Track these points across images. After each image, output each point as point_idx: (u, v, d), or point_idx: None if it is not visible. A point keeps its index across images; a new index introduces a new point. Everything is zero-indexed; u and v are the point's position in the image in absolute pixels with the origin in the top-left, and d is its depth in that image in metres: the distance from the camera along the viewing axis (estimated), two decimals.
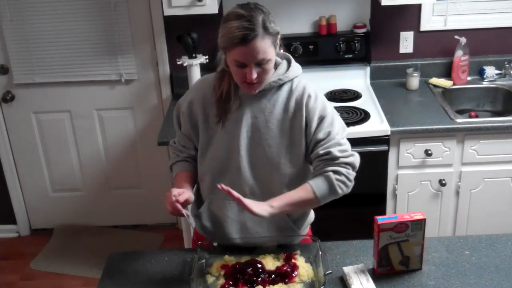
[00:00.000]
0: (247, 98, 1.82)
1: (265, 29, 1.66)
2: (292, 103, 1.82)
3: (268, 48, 1.68)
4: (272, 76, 1.80)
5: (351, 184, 1.80)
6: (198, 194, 1.99)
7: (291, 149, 1.83)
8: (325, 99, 1.86)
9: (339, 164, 1.77)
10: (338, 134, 1.81)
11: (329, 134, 1.79)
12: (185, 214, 1.76)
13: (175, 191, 1.75)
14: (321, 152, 1.78)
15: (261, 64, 1.70)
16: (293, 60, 1.86)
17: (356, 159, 1.81)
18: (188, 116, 1.87)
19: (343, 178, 1.77)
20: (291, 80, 1.83)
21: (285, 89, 1.83)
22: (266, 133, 1.82)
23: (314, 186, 1.76)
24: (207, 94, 1.85)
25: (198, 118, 1.86)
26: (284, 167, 1.83)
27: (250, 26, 1.64)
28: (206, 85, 1.88)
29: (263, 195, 1.84)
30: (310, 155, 1.82)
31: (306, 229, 2.04)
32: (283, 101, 1.82)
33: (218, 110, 1.82)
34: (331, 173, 1.76)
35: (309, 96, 1.81)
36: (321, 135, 1.79)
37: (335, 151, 1.77)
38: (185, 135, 1.94)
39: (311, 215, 2.05)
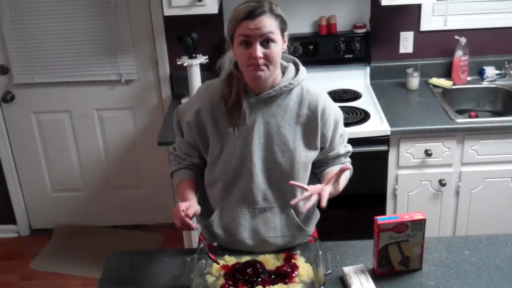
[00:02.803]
0: (258, 104, 1.80)
1: (271, 10, 1.69)
2: (305, 109, 1.82)
3: (274, 29, 1.69)
4: (282, 81, 1.79)
5: None
6: (204, 202, 1.98)
7: (305, 154, 1.83)
8: (333, 103, 1.92)
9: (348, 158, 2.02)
10: (346, 134, 2.00)
11: (342, 135, 1.95)
12: (195, 228, 1.75)
13: (183, 206, 1.73)
14: (342, 152, 1.96)
15: (267, 41, 1.68)
16: (300, 63, 1.86)
17: None
18: (195, 125, 1.84)
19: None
20: (300, 83, 1.83)
21: (295, 93, 1.82)
22: (279, 138, 1.81)
23: (348, 176, 1.96)
24: (215, 101, 1.82)
25: (207, 126, 1.82)
26: (297, 172, 1.83)
27: (257, 5, 1.68)
28: (212, 92, 1.84)
29: (276, 201, 1.87)
30: (328, 154, 1.93)
31: (313, 228, 2.04)
32: (294, 106, 1.82)
33: (230, 117, 1.79)
34: (349, 165, 1.97)
35: (324, 102, 1.84)
36: (337, 137, 1.92)
37: (350, 148, 2.00)
38: (189, 144, 1.90)
39: (318, 214, 2.05)
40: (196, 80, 3.06)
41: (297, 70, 1.84)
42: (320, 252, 1.76)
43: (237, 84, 1.78)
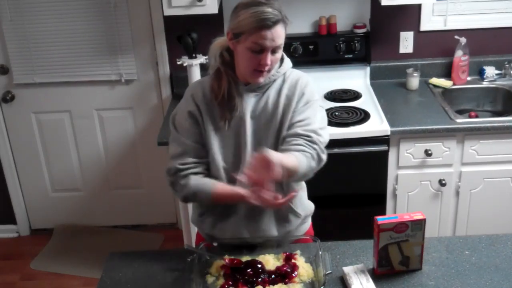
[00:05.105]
0: (247, 93, 1.84)
1: (283, 18, 1.73)
2: (285, 90, 1.85)
3: (283, 36, 1.75)
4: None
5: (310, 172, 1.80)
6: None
7: (288, 129, 1.84)
8: (313, 86, 1.90)
9: (315, 150, 1.79)
10: (316, 123, 1.83)
11: (308, 118, 1.82)
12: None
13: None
14: (301, 132, 1.79)
15: (275, 51, 1.74)
16: (284, 54, 1.89)
17: (324, 159, 1.83)
18: (198, 113, 1.84)
19: (315, 164, 1.79)
20: (285, 72, 1.89)
21: (278, 81, 1.87)
22: (267, 123, 1.84)
23: (307, 163, 1.74)
24: (207, 95, 1.85)
25: (206, 121, 1.83)
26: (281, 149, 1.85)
27: (274, 12, 1.70)
28: (202, 87, 1.87)
29: (280, 191, 1.86)
30: (288, 132, 1.82)
31: (308, 220, 2.05)
32: (276, 90, 1.85)
33: (222, 111, 1.82)
34: (310, 156, 1.76)
35: (303, 81, 1.87)
36: (301, 116, 1.82)
37: (313, 135, 1.79)
38: (196, 142, 1.85)
39: (311, 205, 2.05)
40: (196, 80, 3.06)
41: (282, 61, 1.87)
42: (320, 252, 1.76)
43: (226, 78, 1.82)
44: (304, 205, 2.01)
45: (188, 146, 1.84)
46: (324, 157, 1.83)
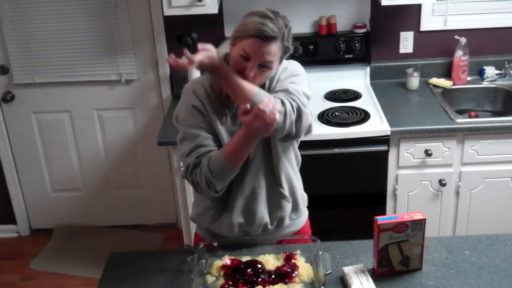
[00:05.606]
0: None
1: (283, 39, 1.74)
2: (278, 73, 1.85)
3: (276, 56, 1.74)
4: None
5: (284, 120, 1.68)
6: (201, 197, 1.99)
7: None
8: (300, 67, 1.90)
9: (294, 100, 1.72)
10: (302, 90, 1.78)
11: (290, 84, 1.78)
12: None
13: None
14: (281, 96, 1.73)
15: (265, 66, 1.74)
16: None
17: (307, 113, 1.74)
18: (201, 114, 1.83)
19: (292, 113, 1.71)
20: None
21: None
22: None
23: (262, 92, 1.70)
24: (209, 92, 1.85)
25: (211, 115, 1.83)
26: (287, 144, 1.87)
27: (274, 28, 1.70)
28: (204, 84, 1.87)
29: (272, 177, 1.89)
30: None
31: (304, 213, 2.05)
32: (273, 79, 1.85)
33: (222, 106, 1.82)
34: (280, 100, 1.69)
35: (286, 62, 1.87)
36: (282, 84, 1.79)
37: (294, 91, 1.74)
38: (209, 132, 1.83)
39: (305, 195, 2.05)
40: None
41: None
42: (320, 252, 1.76)
43: None
44: (299, 193, 2.01)
45: (200, 137, 1.81)
46: (307, 111, 1.74)
